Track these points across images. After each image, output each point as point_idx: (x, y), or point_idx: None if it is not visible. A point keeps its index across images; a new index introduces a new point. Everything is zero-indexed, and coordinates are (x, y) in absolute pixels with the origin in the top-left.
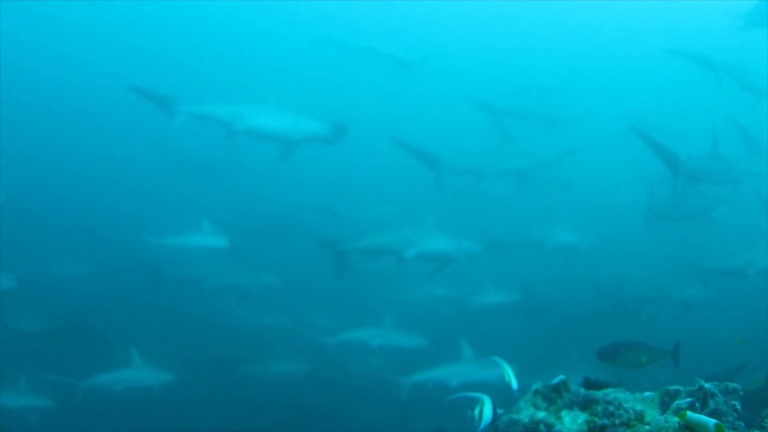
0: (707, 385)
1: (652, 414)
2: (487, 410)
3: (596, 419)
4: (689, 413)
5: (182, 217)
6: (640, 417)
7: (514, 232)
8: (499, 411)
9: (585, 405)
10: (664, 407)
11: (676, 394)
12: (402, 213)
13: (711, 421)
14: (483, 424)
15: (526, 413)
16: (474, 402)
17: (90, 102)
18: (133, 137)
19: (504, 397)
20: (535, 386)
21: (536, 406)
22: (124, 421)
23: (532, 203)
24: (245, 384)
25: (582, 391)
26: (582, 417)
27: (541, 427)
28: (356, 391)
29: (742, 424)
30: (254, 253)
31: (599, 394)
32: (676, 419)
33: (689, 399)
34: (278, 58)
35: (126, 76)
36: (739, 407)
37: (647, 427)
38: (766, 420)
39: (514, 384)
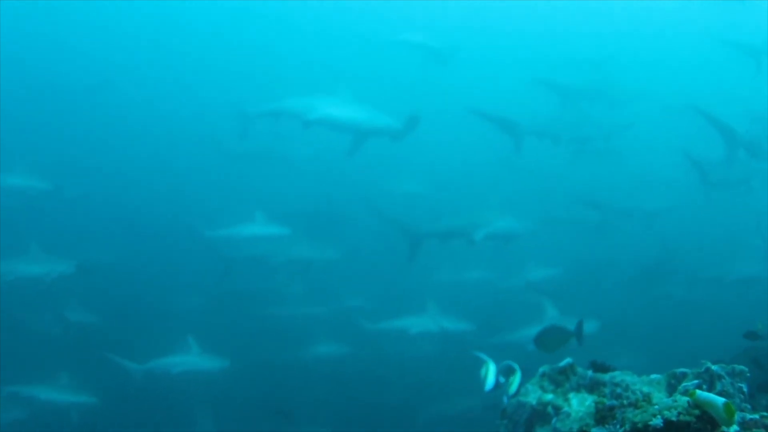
0: (714, 367)
1: (659, 396)
2: (491, 375)
3: (604, 400)
4: (698, 392)
5: (235, 207)
6: (647, 398)
7: (610, 203)
8: (501, 380)
9: (592, 387)
10: (671, 389)
11: (683, 377)
12: (432, 192)
13: (720, 400)
14: (487, 387)
15: (533, 396)
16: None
17: (145, 94)
18: (185, 128)
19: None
20: (542, 369)
21: (543, 389)
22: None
23: (583, 178)
24: (289, 368)
25: (589, 373)
26: (589, 399)
27: (549, 409)
28: (397, 371)
29: (749, 405)
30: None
31: (606, 376)
32: (684, 399)
33: (696, 381)
34: (314, 51)
35: (192, 71)
36: (745, 389)
37: (655, 407)
38: None
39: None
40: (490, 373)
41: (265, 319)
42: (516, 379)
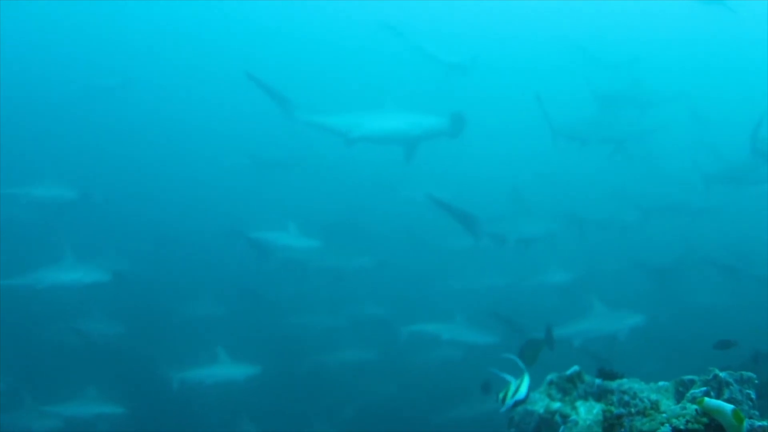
0: (722, 374)
1: (667, 403)
2: (510, 396)
3: (612, 408)
4: (707, 399)
5: (264, 214)
6: (655, 406)
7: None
8: (520, 397)
9: (600, 395)
10: (679, 397)
11: (691, 384)
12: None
13: (728, 407)
14: (505, 408)
15: (541, 404)
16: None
17: (173, 104)
18: (215, 136)
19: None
20: (549, 377)
21: (551, 397)
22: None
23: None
24: (314, 373)
25: (597, 381)
26: (597, 407)
27: (557, 417)
28: (415, 376)
29: (757, 412)
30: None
31: (614, 384)
32: (693, 407)
33: (704, 388)
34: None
35: (222, 78)
36: (753, 396)
37: (663, 416)
38: None
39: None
40: (510, 394)
41: (288, 327)
42: (525, 382)
